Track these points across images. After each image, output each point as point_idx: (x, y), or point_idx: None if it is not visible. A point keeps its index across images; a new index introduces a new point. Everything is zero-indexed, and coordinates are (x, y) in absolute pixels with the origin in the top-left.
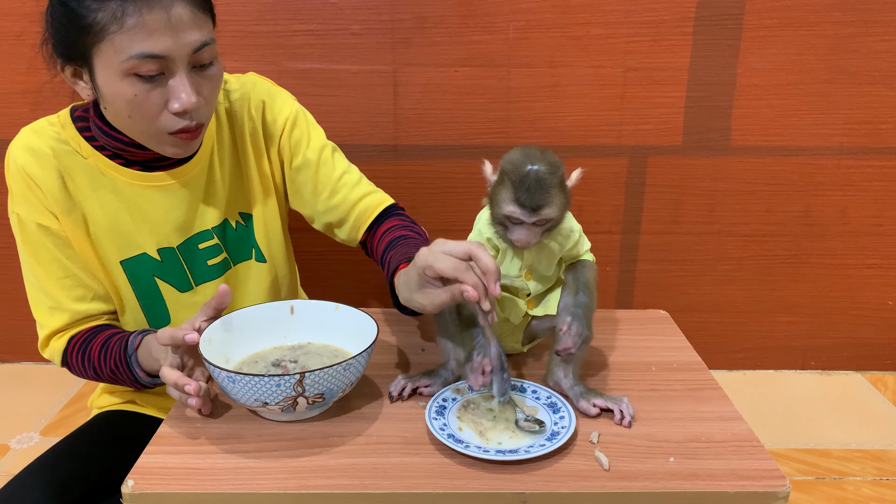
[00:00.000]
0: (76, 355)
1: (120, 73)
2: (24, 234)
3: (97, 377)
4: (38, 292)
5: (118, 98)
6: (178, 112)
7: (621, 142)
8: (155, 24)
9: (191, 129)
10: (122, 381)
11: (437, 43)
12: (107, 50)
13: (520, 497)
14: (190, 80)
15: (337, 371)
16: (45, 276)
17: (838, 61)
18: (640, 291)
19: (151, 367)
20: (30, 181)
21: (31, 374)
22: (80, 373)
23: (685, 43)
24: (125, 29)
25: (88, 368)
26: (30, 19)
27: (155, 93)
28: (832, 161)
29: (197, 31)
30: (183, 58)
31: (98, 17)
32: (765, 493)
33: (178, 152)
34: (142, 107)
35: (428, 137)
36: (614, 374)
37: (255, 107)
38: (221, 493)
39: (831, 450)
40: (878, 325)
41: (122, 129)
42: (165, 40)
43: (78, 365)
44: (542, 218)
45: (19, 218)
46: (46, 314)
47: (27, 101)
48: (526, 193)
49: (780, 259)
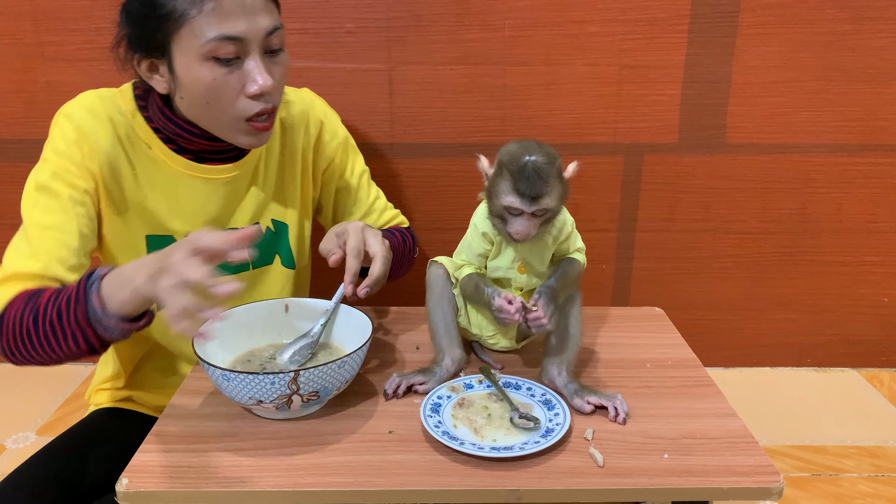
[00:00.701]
0: (20, 302)
1: (199, 57)
2: (47, 188)
3: (26, 337)
4: (22, 241)
5: (197, 84)
6: (254, 94)
7: (617, 139)
8: (231, 8)
9: (266, 112)
10: (57, 338)
11: (433, 41)
12: (186, 36)
13: (514, 494)
14: (263, 63)
15: (331, 369)
16: (41, 229)
17: (833, 59)
18: (637, 289)
19: (119, 299)
20: (82, 138)
21: (27, 374)
22: (10, 329)
23: (681, 41)
24: (204, 13)
25: (26, 318)
26: (25, 18)
27: (232, 76)
28: (827, 158)
29: (268, 16)
30: (257, 41)
31: (177, 4)
32: (758, 489)
33: (252, 142)
34: (220, 91)
35: (424, 136)
36: (609, 370)
37: (314, 125)
38: (216, 492)
39: (827, 446)
40: (874, 321)
41: (197, 119)
42: (241, 22)
43: (15, 315)
44: (541, 208)
45: (53, 172)
46: (19, 257)
47: (22, 101)
48: (525, 183)
49: (776, 256)
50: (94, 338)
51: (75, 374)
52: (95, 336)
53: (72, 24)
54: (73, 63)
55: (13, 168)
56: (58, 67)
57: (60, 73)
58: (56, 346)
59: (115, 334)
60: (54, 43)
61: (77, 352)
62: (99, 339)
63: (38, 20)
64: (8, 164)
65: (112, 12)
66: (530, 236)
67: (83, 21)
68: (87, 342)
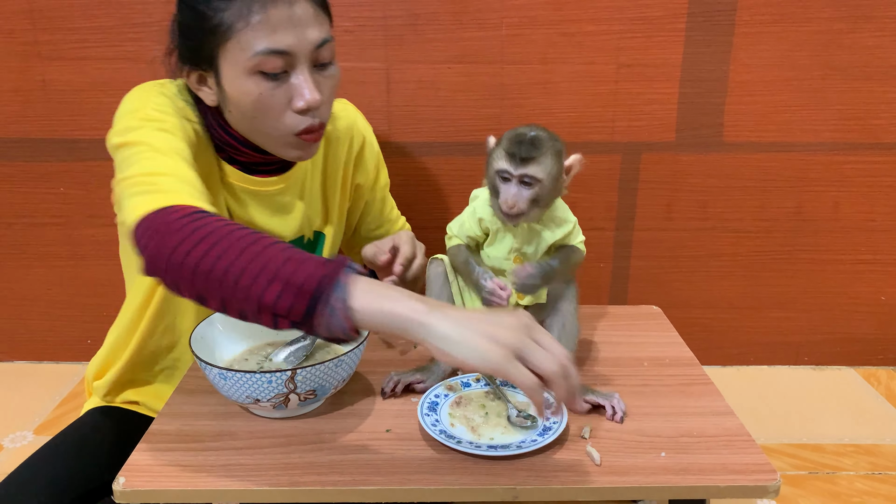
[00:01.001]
0: (204, 217)
1: (245, 71)
2: (163, 133)
3: (220, 254)
4: (158, 176)
5: (244, 98)
6: (301, 110)
7: (614, 138)
8: (279, 20)
9: (314, 129)
10: (259, 278)
11: (430, 40)
12: (233, 49)
13: (511, 492)
14: (311, 77)
15: (329, 367)
16: (175, 165)
17: (830, 57)
18: (634, 287)
19: (368, 301)
20: (180, 110)
21: (25, 373)
22: (183, 237)
23: (678, 39)
24: (251, 26)
25: (229, 233)
26: (22, 17)
27: (279, 91)
28: (824, 157)
29: (318, 28)
30: (305, 54)
31: (225, 17)
32: (755, 487)
33: (300, 155)
34: (266, 106)
35: (421, 134)
36: (606, 369)
37: (357, 140)
38: (213, 490)
39: (824, 444)
40: (871, 320)
41: (246, 133)
42: (289, 36)
43: (212, 222)
44: (528, 174)
45: (167, 123)
46: (168, 192)
47: (19, 99)
48: (517, 146)
49: (773, 255)
50: (304, 307)
51: (72, 374)
52: (307, 307)
53: (69, 23)
54: (70, 62)
55: (10, 167)
56: (55, 66)
57: (57, 72)
58: (244, 286)
59: (326, 319)
60: (51, 42)
61: (258, 306)
62: (301, 313)
63: (35, 18)
64: (5, 163)
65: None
66: (519, 209)
67: (80, 20)
68: (289, 305)
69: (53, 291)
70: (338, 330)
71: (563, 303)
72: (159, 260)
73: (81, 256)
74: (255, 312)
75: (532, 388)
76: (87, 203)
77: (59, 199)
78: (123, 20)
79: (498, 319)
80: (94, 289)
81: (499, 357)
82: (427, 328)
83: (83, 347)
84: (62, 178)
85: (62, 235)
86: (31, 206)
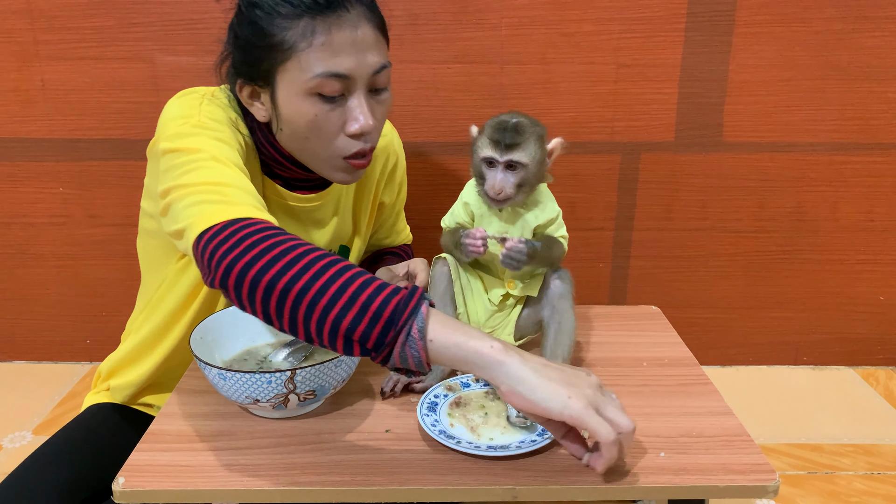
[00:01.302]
0: (279, 234)
1: (303, 91)
2: (221, 143)
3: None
4: (222, 186)
5: (299, 118)
6: (354, 134)
7: (614, 138)
8: (342, 44)
9: (364, 153)
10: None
11: (429, 40)
12: (293, 69)
13: (511, 492)
14: (367, 102)
15: (328, 368)
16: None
17: (830, 57)
18: (634, 287)
19: (442, 332)
20: (231, 122)
21: (24, 373)
22: (255, 246)
23: (677, 39)
24: (313, 47)
25: (309, 256)
26: (21, 16)
27: (334, 113)
28: (824, 157)
29: (377, 54)
30: (363, 79)
31: (288, 36)
32: (754, 487)
33: (347, 179)
34: (321, 128)
35: (420, 134)
36: (606, 369)
37: (392, 159)
38: (213, 491)
39: (823, 444)
40: (870, 320)
41: (294, 152)
42: (350, 60)
43: (272, 241)
44: (513, 159)
45: (222, 133)
46: (237, 203)
47: (18, 99)
48: (501, 133)
49: (773, 255)
50: (383, 335)
51: (71, 374)
52: (388, 336)
53: (68, 23)
54: (69, 62)
55: (9, 167)
56: (54, 66)
57: (56, 72)
58: (330, 310)
59: (402, 349)
60: (50, 41)
61: (334, 331)
62: (380, 341)
63: (34, 18)
64: (5, 163)
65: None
66: (506, 194)
67: (80, 20)
68: (367, 332)
69: (52, 291)
70: (412, 360)
71: (561, 302)
72: (232, 274)
73: (80, 256)
74: (330, 337)
75: (611, 439)
76: (87, 203)
77: (58, 199)
78: (122, 20)
79: (575, 373)
80: (93, 289)
81: (580, 406)
82: (505, 368)
83: (82, 347)
84: (61, 177)
85: (61, 235)
86: (30, 206)
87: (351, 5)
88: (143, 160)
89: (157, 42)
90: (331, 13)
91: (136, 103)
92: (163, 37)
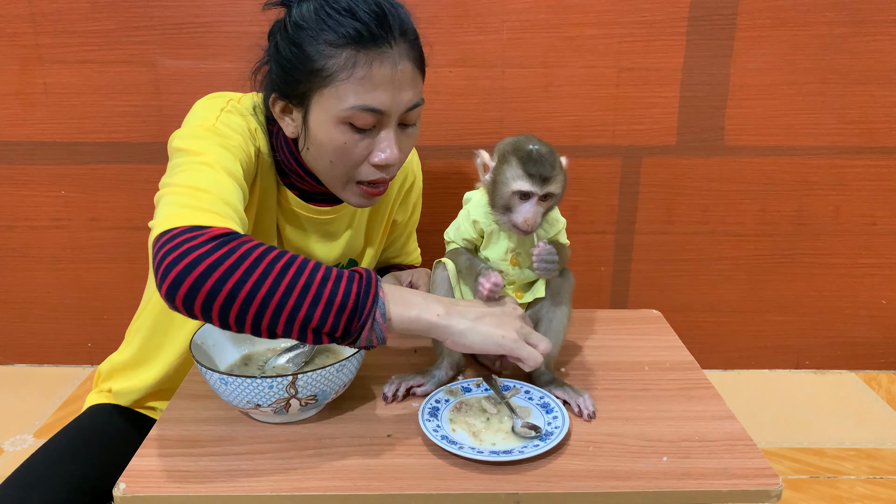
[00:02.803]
0: (246, 243)
1: (336, 119)
2: (223, 150)
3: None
4: (201, 192)
5: (328, 143)
6: (378, 164)
7: (615, 142)
8: (381, 79)
9: (382, 182)
10: (306, 299)
11: (431, 43)
12: (330, 96)
13: (513, 497)
14: (395, 136)
15: (330, 373)
16: (220, 184)
17: (831, 61)
18: (635, 291)
19: (398, 311)
20: (249, 132)
21: (25, 376)
22: (220, 258)
23: (679, 43)
24: (353, 79)
25: (270, 257)
26: (23, 20)
27: (363, 143)
28: (825, 160)
29: (413, 91)
30: (396, 114)
31: (329, 64)
32: (757, 492)
33: (361, 203)
34: (347, 155)
35: (422, 138)
36: (607, 373)
37: (409, 179)
38: (214, 496)
39: (825, 448)
40: (872, 324)
41: (317, 171)
42: (387, 96)
43: (226, 249)
44: (550, 192)
45: (231, 140)
46: (205, 210)
47: (20, 102)
48: (535, 166)
49: (774, 258)
50: (349, 324)
51: (73, 377)
52: (354, 324)
53: (70, 27)
54: (71, 65)
55: (11, 170)
56: (56, 69)
57: (59, 75)
58: (294, 306)
59: (368, 333)
60: (53, 45)
61: (302, 328)
62: (347, 330)
63: (36, 22)
64: (6, 166)
65: (113, 16)
66: (537, 225)
67: (82, 23)
68: (334, 324)
69: (54, 294)
70: (377, 340)
71: (556, 298)
72: (183, 287)
73: (82, 260)
74: (298, 333)
75: (539, 361)
76: (88, 206)
77: (59, 202)
78: (124, 24)
79: (503, 311)
80: (94, 292)
81: (510, 341)
82: (450, 329)
83: (83, 351)
84: (63, 181)
85: (63, 238)
86: (32, 209)
87: (395, 41)
88: (144, 163)
89: (158, 46)
90: (374, 47)
91: (137, 107)
92: (165, 40)
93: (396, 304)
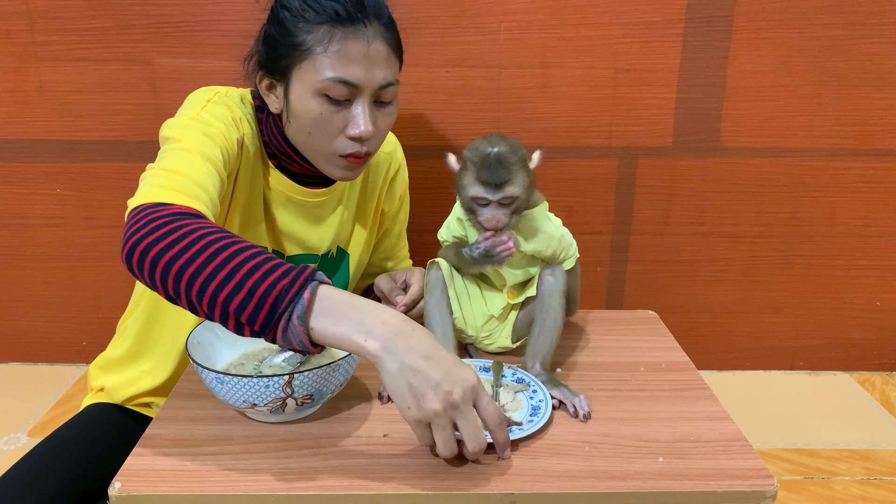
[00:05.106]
0: (199, 220)
1: (313, 91)
2: (203, 136)
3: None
4: (174, 174)
5: (305, 114)
6: (353, 137)
7: (612, 143)
8: (354, 54)
9: (360, 156)
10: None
11: (428, 43)
12: (307, 68)
13: (509, 497)
14: (370, 111)
15: (326, 372)
16: (195, 168)
17: (827, 63)
18: (631, 292)
19: (323, 321)
20: (233, 121)
21: (19, 375)
22: (166, 223)
23: (675, 45)
24: (328, 52)
25: (205, 231)
26: (19, 18)
27: (338, 116)
28: (821, 162)
29: (387, 69)
30: (370, 90)
31: (307, 38)
32: (752, 493)
33: (344, 175)
34: (323, 126)
35: (418, 138)
36: (602, 373)
37: (394, 168)
38: (209, 496)
39: (819, 449)
40: (867, 325)
41: (298, 145)
42: (360, 70)
43: (177, 224)
44: (506, 196)
45: (212, 128)
46: (174, 190)
47: (15, 100)
48: (488, 172)
49: (770, 260)
50: (264, 319)
51: (68, 376)
52: (268, 320)
53: (66, 24)
54: (67, 63)
55: (6, 168)
56: (52, 67)
57: (54, 73)
58: (215, 283)
59: (283, 333)
60: (48, 43)
61: (223, 313)
62: (261, 324)
63: (32, 20)
64: (1, 164)
65: (109, 14)
66: (502, 224)
67: (77, 21)
68: (250, 315)
69: (49, 293)
70: (296, 343)
71: (550, 299)
72: (136, 253)
73: (77, 258)
74: (221, 318)
75: (454, 453)
76: (84, 205)
77: (55, 201)
78: (121, 22)
79: (440, 381)
80: (89, 290)
81: (413, 419)
82: (379, 363)
83: (78, 349)
84: (58, 179)
85: (58, 237)
86: (27, 208)
87: (369, 22)
88: (140, 162)
89: (155, 44)
90: (350, 25)
91: (133, 105)
92: (161, 39)
93: (327, 313)
